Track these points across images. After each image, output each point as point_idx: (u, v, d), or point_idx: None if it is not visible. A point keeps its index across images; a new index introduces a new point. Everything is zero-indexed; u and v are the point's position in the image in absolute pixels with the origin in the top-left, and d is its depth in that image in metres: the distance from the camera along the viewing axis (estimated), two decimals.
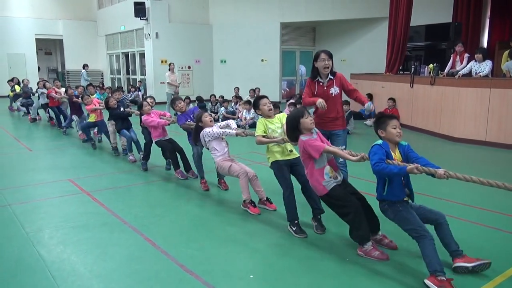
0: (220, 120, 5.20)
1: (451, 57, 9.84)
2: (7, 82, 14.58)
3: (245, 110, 10.81)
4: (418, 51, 12.89)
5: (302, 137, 3.54)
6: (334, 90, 4.54)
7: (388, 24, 12.27)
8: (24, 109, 13.17)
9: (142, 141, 6.83)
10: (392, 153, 3.15)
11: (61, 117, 10.59)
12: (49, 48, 23.97)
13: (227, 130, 4.77)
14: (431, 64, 9.59)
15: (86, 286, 3.05)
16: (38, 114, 12.04)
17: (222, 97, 12.60)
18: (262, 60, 17.37)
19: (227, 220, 4.37)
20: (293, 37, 17.91)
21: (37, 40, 20.85)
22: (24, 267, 3.32)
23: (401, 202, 3.15)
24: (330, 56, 4.51)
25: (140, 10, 16.41)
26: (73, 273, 3.23)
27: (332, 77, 4.56)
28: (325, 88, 4.56)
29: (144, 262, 3.40)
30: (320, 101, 4.36)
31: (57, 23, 21.23)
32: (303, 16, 16.60)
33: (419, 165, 2.96)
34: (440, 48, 12.00)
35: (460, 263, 3.09)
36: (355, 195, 3.54)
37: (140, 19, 16.66)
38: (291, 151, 4.15)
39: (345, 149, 3.64)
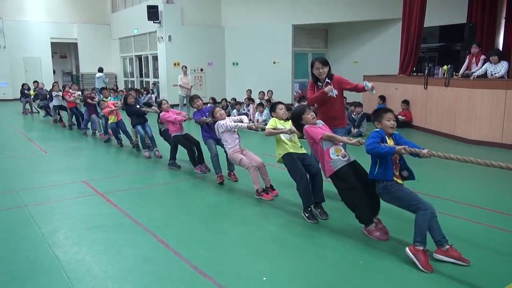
0: (247, 122, 5.55)
1: (467, 59, 9.71)
2: (33, 82, 14.87)
3: (257, 112, 10.84)
4: (432, 52, 12.75)
5: (306, 126, 4.07)
6: (333, 92, 4.87)
7: (402, 25, 12.17)
8: (43, 111, 13.50)
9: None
10: (388, 140, 3.51)
11: (80, 118, 10.85)
12: (64, 51, 24.31)
13: (239, 124, 5.28)
14: (446, 66, 9.48)
15: (100, 286, 3.08)
16: (50, 115, 12.40)
17: (234, 99, 12.63)
18: (274, 62, 17.37)
19: (239, 221, 4.37)
20: (305, 39, 17.88)
21: (52, 43, 21.18)
22: (39, 268, 3.37)
23: (392, 183, 3.44)
24: (324, 63, 4.89)
25: (153, 14, 16.55)
26: (88, 273, 3.27)
27: (329, 81, 4.90)
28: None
29: (157, 263, 3.42)
30: (326, 88, 4.74)
31: (72, 27, 21.54)
32: (315, 18, 16.56)
33: (406, 146, 3.34)
34: (455, 49, 11.86)
35: (439, 256, 3.29)
36: (362, 176, 3.78)
37: (153, 22, 16.81)
38: (301, 147, 4.58)
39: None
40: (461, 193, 5.30)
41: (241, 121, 5.44)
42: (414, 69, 11.87)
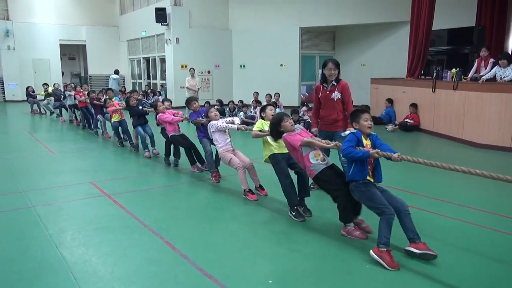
0: (239, 123, 5.70)
1: (476, 62, 9.65)
2: (42, 85, 15.05)
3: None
4: (441, 56, 12.70)
5: (285, 135, 4.20)
6: (335, 95, 5.04)
7: (410, 28, 12.12)
8: (57, 111, 13.71)
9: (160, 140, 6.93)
10: (364, 141, 3.65)
11: (90, 118, 11.08)
12: (72, 53, 24.51)
13: (230, 125, 5.49)
14: (454, 69, 9.42)
15: (106, 287, 3.09)
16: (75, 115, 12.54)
17: (242, 101, 12.64)
18: (282, 65, 17.38)
19: (245, 224, 4.37)
20: (313, 42, 17.85)
21: (61, 45, 21.35)
22: (47, 268, 3.39)
23: (365, 183, 3.59)
24: (336, 65, 5.01)
25: (161, 16, 16.63)
26: (94, 274, 3.28)
27: (335, 83, 5.04)
28: (328, 92, 5.10)
29: (163, 265, 3.42)
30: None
31: (81, 29, 21.72)
32: (323, 20, 16.55)
33: (379, 150, 3.51)
34: (463, 53, 11.81)
35: (410, 248, 3.46)
36: (341, 177, 3.94)
37: (161, 24, 16.89)
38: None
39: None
40: (458, 194, 5.26)
41: (233, 122, 5.61)
42: (422, 72, 11.81)
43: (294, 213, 4.42)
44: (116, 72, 18.82)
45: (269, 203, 4.97)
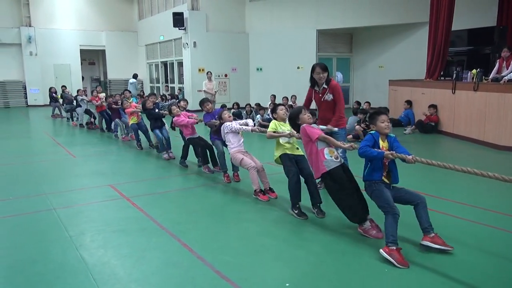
0: (256, 126, 5.74)
1: (497, 63, 9.45)
2: (61, 87, 15.38)
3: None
4: (461, 56, 12.47)
5: (304, 125, 4.31)
6: (328, 96, 5.23)
7: (429, 29, 11.96)
8: (68, 114, 13.94)
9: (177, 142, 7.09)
10: (381, 142, 3.70)
11: (109, 121, 11.28)
12: (92, 58, 24.96)
13: (244, 127, 5.54)
14: (475, 70, 9.25)
15: None
16: (93, 120, 12.73)
17: (258, 104, 12.66)
18: (298, 68, 17.33)
19: (262, 227, 4.36)
20: (330, 44, 17.77)
21: (81, 50, 21.79)
22: (68, 269, 3.45)
23: (377, 183, 3.64)
24: (324, 69, 5.18)
25: (178, 20, 16.81)
26: (113, 276, 3.32)
27: (326, 86, 5.21)
28: (320, 95, 5.32)
29: (180, 268, 3.44)
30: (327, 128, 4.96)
31: (100, 34, 22.11)
32: (340, 22, 16.46)
33: (394, 152, 3.58)
34: (484, 53, 11.56)
35: (426, 242, 3.56)
36: (351, 181, 4.06)
37: (179, 29, 17.07)
38: (297, 148, 4.82)
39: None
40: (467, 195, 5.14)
41: (247, 124, 5.66)
42: (442, 73, 11.63)
43: (296, 211, 4.50)
44: (135, 76, 19.11)
45: (282, 204, 4.95)
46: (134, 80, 18.96)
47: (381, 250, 3.45)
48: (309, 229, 4.25)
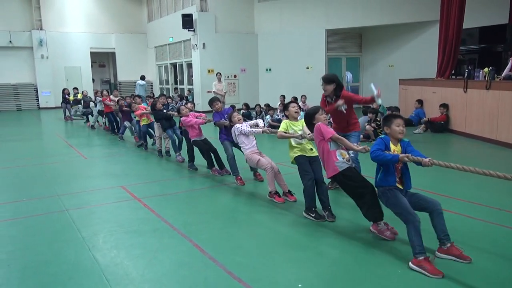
0: (265, 126, 5.68)
1: (510, 61, 9.32)
2: (73, 89, 15.51)
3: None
4: (472, 55, 12.34)
5: (319, 123, 4.22)
6: (342, 107, 5.13)
7: (439, 27, 11.85)
8: (85, 117, 14.13)
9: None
10: (393, 146, 3.60)
11: (115, 123, 11.47)
12: (102, 60, 25.19)
13: (254, 129, 5.44)
14: (487, 68, 9.14)
15: None
16: (97, 121, 12.97)
17: (268, 105, 12.64)
18: (308, 68, 17.29)
19: (274, 228, 4.36)
20: (339, 44, 17.68)
21: (91, 53, 21.99)
22: (81, 270, 3.47)
23: (391, 189, 3.53)
24: (327, 82, 5.14)
25: (187, 22, 16.87)
26: (125, 277, 3.34)
27: (336, 97, 5.17)
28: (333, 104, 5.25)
29: (192, 268, 3.45)
30: (337, 104, 5.06)
31: (110, 36, 22.28)
32: (349, 22, 16.38)
33: (409, 155, 3.43)
34: (496, 51, 11.43)
35: (441, 254, 3.43)
36: (365, 181, 4.00)
37: (188, 30, 17.13)
38: (311, 149, 4.73)
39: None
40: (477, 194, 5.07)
41: (257, 125, 5.58)
42: (453, 72, 11.51)
43: (313, 215, 4.45)
44: (142, 78, 19.00)
45: (295, 206, 4.94)
46: (143, 82, 18.81)
47: (410, 264, 3.30)
48: (322, 231, 4.22)
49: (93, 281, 3.28)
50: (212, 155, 6.68)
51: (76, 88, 15.58)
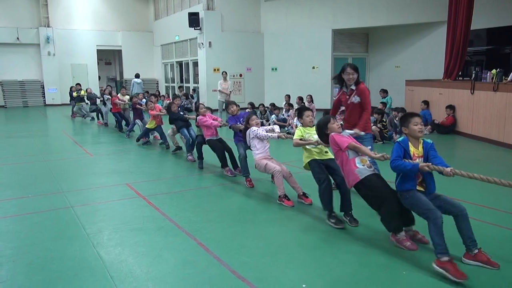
0: (279, 131, 5.65)
1: None
2: (76, 85, 15.53)
3: (297, 118, 10.79)
4: (479, 56, 12.27)
5: (333, 133, 4.09)
6: (355, 99, 5.10)
7: (447, 28, 11.78)
8: (93, 114, 14.22)
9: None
10: (414, 149, 3.49)
11: (123, 122, 11.55)
12: (108, 58, 25.27)
13: (270, 134, 5.35)
14: (494, 69, 9.07)
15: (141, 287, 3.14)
16: (98, 118, 13.12)
17: (273, 104, 12.63)
18: (314, 68, 17.26)
19: (281, 229, 4.35)
20: (346, 44, 17.63)
21: (98, 51, 22.08)
22: (85, 267, 3.48)
23: (408, 192, 3.45)
24: (355, 69, 5.06)
25: (194, 20, 16.89)
26: (130, 274, 3.34)
27: (353, 88, 5.10)
28: (347, 96, 5.20)
29: (197, 267, 3.44)
30: (357, 133, 4.92)
31: (117, 34, 22.35)
32: (356, 22, 16.33)
33: (430, 164, 3.33)
34: (504, 53, 11.35)
35: (468, 261, 3.31)
36: (387, 187, 3.80)
37: (194, 29, 17.15)
38: (326, 152, 4.67)
39: (371, 150, 4.03)
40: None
41: (273, 131, 5.49)
42: (460, 73, 11.44)
43: (333, 221, 4.28)
44: (137, 75, 18.38)
45: (305, 209, 4.91)
46: (140, 80, 18.06)
47: (433, 264, 3.20)
48: (328, 233, 4.20)
49: (97, 278, 3.29)
50: (226, 154, 6.64)
51: (79, 84, 15.53)
